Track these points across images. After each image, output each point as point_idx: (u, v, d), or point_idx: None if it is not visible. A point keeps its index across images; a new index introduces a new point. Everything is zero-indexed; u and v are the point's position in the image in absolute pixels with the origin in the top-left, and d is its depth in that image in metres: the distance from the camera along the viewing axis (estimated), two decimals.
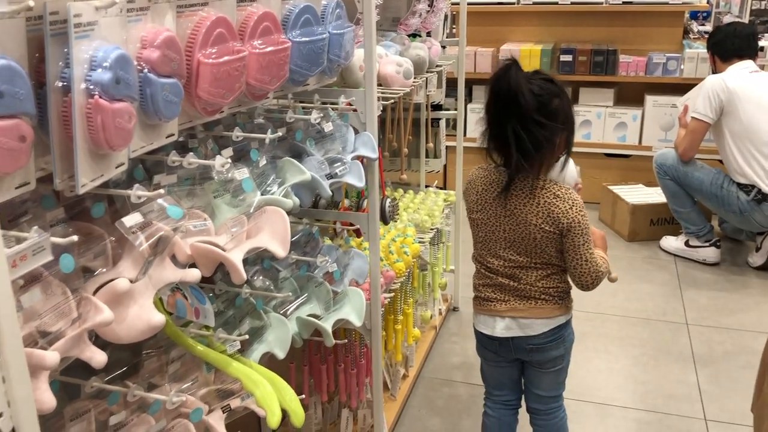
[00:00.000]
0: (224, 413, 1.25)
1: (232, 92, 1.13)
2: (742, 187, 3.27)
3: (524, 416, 1.89)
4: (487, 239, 1.71)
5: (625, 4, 4.21)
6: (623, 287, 3.30)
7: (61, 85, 0.84)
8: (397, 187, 2.82)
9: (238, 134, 1.28)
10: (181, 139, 1.20)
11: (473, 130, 4.42)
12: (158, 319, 0.96)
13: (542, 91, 1.56)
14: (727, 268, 3.51)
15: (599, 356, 2.74)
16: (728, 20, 4.65)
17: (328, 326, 1.54)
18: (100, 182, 0.91)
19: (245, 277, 1.11)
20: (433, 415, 2.39)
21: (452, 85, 3.10)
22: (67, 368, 0.96)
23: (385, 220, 2.01)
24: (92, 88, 0.84)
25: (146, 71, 0.94)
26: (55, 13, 0.81)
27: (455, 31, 3.36)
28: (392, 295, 2.11)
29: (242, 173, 1.17)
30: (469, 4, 2.86)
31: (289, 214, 1.29)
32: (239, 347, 1.28)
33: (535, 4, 4.37)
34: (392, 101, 2.00)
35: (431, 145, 2.88)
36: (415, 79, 2.10)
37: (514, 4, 4.42)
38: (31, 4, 0.73)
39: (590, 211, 1.72)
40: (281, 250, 1.20)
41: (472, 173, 1.76)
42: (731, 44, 3.36)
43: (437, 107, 2.98)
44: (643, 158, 4.18)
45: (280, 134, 1.32)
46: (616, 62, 4.21)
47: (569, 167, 1.71)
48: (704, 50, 4.10)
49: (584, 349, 2.77)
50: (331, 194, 1.48)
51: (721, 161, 3.50)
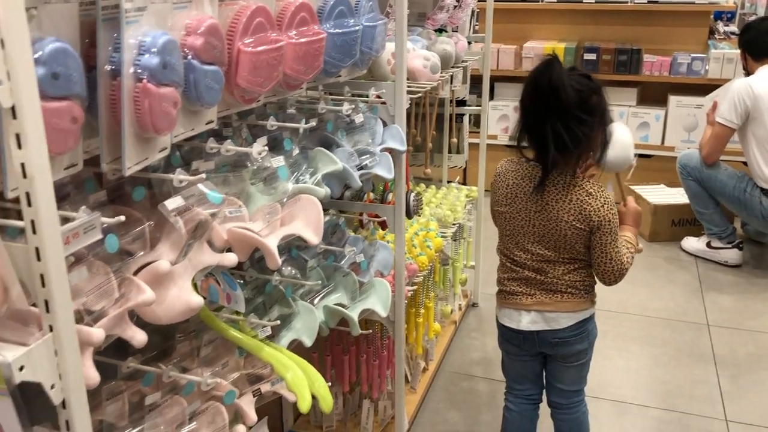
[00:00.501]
0: (254, 397, 1.27)
1: (269, 81, 1.15)
2: (765, 192, 3.24)
3: (545, 410, 1.90)
4: (514, 233, 1.71)
5: (650, 3, 4.19)
6: (644, 287, 3.29)
7: (110, 69, 0.86)
8: (419, 182, 2.83)
9: (273, 123, 1.29)
10: (215, 127, 1.22)
11: (495, 127, 4.42)
12: (197, 300, 0.98)
13: (582, 87, 1.57)
14: (749, 270, 3.48)
15: (619, 354, 2.73)
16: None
17: (354, 315, 1.55)
18: (144, 165, 0.94)
19: (280, 262, 1.13)
20: (452, 408, 2.40)
21: (475, 81, 3.11)
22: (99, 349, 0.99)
23: (409, 214, 2.02)
24: (140, 72, 0.86)
25: (190, 58, 0.96)
26: None
27: (478, 28, 3.37)
28: (415, 288, 2.12)
29: (278, 161, 1.19)
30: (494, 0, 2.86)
31: None
32: (270, 332, 1.30)
33: (559, 2, 4.36)
34: (419, 95, 2.01)
35: (455, 140, 2.89)
36: (441, 74, 2.11)
37: (538, 1, 4.41)
38: None
39: None
40: (315, 237, 1.21)
41: (501, 166, 1.75)
42: (764, 43, 3.29)
43: (461, 103, 2.98)
44: (665, 158, 4.16)
45: (314, 124, 1.34)
46: (640, 62, 4.18)
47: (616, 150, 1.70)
48: (730, 51, 4.08)
49: (604, 347, 2.76)
50: (360, 185, 1.50)
51: (745, 163, 3.47)
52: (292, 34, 1.22)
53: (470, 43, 2.83)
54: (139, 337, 0.94)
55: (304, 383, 1.21)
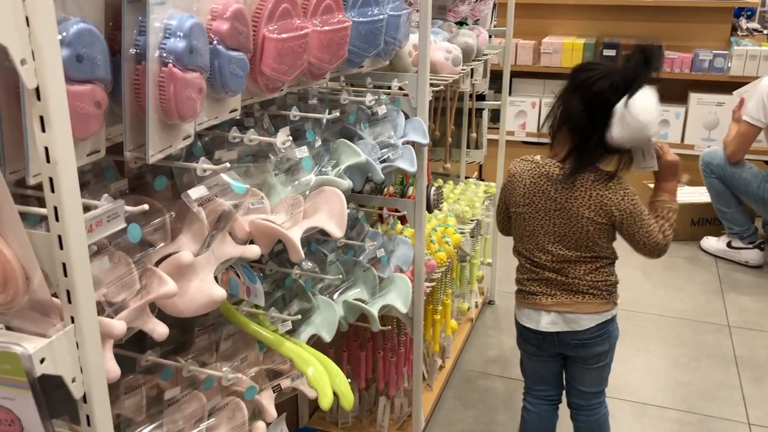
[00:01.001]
0: (274, 393, 1.24)
1: (294, 69, 1.12)
2: None
3: (564, 411, 1.86)
4: (534, 233, 1.67)
5: None
6: (664, 287, 3.24)
7: (134, 52, 0.83)
8: (436, 177, 2.80)
9: (295, 113, 1.26)
10: (236, 116, 1.19)
11: (512, 123, 4.37)
12: (220, 293, 0.96)
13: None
14: None
15: (639, 354, 2.69)
16: None
17: (374, 311, 1.52)
18: (167, 153, 0.91)
19: (303, 255, 1.10)
20: (469, 407, 2.37)
21: (493, 76, 3.06)
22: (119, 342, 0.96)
23: (429, 208, 1.99)
24: (166, 56, 0.83)
25: (215, 43, 0.93)
26: None
27: (497, 22, 3.32)
28: (433, 284, 2.09)
29: (302, 151, 1.16)
30: None
31: None
32: (290, 327, 1.28)
33: None
34: (440, 88, 1.97)
35: (474, 135, 2.85)
36: (462, 67, 2.07)
37: None
38: None
39: None
40: (338, 230, 1.18)
41: (515, 166, 1.71)
42: None
43: (480, 97, 2.94)
44: (684, 157, 4.05)
45: (337, 114, 1.30)
46: (661, 58, 4.11)
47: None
48: (754, 48, 4.00)
49: (623, 347, 2.71)
50: (383, 178, 1.47)
51: None
52: (317, 21, 1.19)
53: (491, 36, 2.79)
54: (160, 330, 0.91)
55: (325, 379, 1.19)
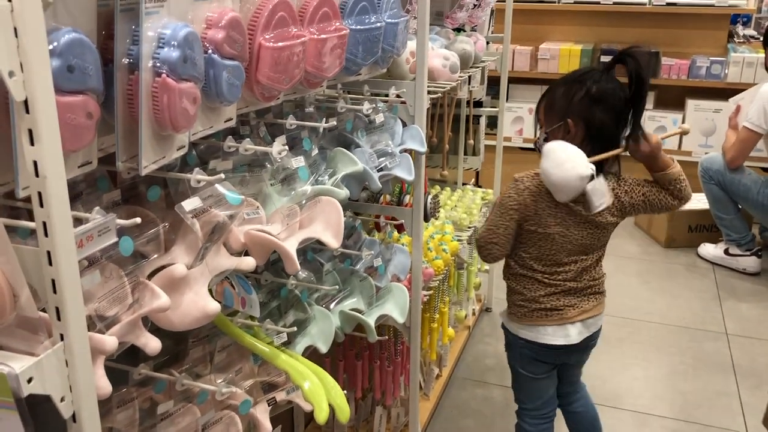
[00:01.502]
0: (269, 406, 1.22)
1: (291, 78, 1.10)
2: None
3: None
4: (559, 251, 1.62)
5: (668, 5, 4.12)
6: (661, 294, 3.23)
7: (127, 62, 0.81)
8: (433, 184, 2.78)
9: (292, 122, 1.25)
10: (232, 125, 1.18)
11: (509, 129, 4.37)
12: (214, 306, 0.94)
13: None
14: None
15: (637, 363, 2.67)
16: None
17: (371, 321, 1.51)
18: (161, 164, 0.89)
19: (299, 267, 1.08)
20: (466, 416, 2.35)
21: (490, 82, 3.06)
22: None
23: (426, 217, 1.97)
24: (159, 66, 0.81)
25: (210, 52, 0.92)
26: None
27: (494, 28, 3.31)
28: (430, 292, 2.07)
29: (298, 161, 1.14)
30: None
31: None
32: (286, 338, 1.26)
33: (576, 3, 4.29)
34: (438, 95, 1.96)
35: (471, 142, 2.84)
36: (459, 74, 2.06)
37: (554, 2, 4.35)
38: None
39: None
40: (335, 241, 1.17)
41: (531, 183, 1.60)
42: None
43: (478, 104, 2.93)
44: (682, 164, 4.06)
45: (334, 123, 1.29)
46: (658, 64, 4.12)
47: None
48: (751, 55, 4.01)
49: (621, 355, 2.71)
50: (380, 187, 1.45)
51: (766, 170, 3.40)
52: (313, 29, 1.17)
53: (488, 43, 2.78)
54: (152, 344, 0.89)
55: (321, 393, 1.17)
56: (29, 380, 0.65)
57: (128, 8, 0.80)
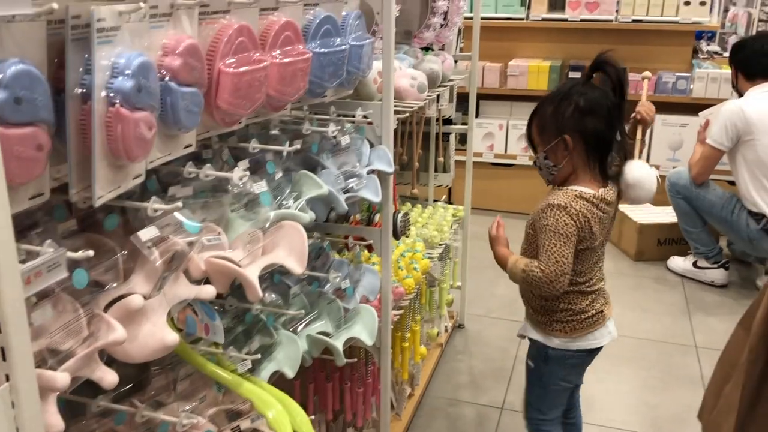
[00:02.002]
0: None
1: (252, 103, 1.10)
2: (752, 215, 3.22)
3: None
4: (598, 259, 1.72)
5: (634, 22, 4.19)
6: (631, 308, 3.25)
7: (80, 92, 0.80)
8: (404, 201, 2.78)
9: (255, 146, 1.24)
10: (194, 149, 1.16)
11: (480, 145, 4.39)
12: (172, 338, 0.92)
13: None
14: (735, 290, 3.47)
15: (609, 377, 2.69)
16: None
17: (339, 345, 1.49)
18: (116, 194, 0.87)
19: (261, 295, 1.07)
20: None
21: (460, 99, 3.07)
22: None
23: (396, 235, 1.97)
24: (113, 96, 0.80)
25: (167, 79, 0.91)
26: (77, 17, 0.77)
27: (463, 46, 3.34)
28: (401, 312, 2.07)
29: (260, 186, 1.13)
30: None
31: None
32: (250, 366, 1.24)
33: (544, 20, 4.35)
34: (406, 115, 1.96)
35: (441, 159, 2.85)
36: (428, 93, 2.07)
37: (522, 19, 4.40)
38: (54, 6, 0.70)
39: None
40: (298, 267, 1.16)
41: (577, 205, 1.59)
42: (758, 63, 3.23)
43: (447, 122, 2.95)
44: None
45: (298, 147, 1.28)
46: (625, 80, 4.17)
47: None
48: (714, 70, 4.09)
49: (591, 369, 2.68)
50: (346, 209, 1.45)
51: (733, 183, 3.46)
52: (276, 53, 1.17)
53: (456, 61, 2.80)
54: (109, 378, 0.87)
55: (286, 421, 1.15)
56: None
57: (80, 37, 0.79)
